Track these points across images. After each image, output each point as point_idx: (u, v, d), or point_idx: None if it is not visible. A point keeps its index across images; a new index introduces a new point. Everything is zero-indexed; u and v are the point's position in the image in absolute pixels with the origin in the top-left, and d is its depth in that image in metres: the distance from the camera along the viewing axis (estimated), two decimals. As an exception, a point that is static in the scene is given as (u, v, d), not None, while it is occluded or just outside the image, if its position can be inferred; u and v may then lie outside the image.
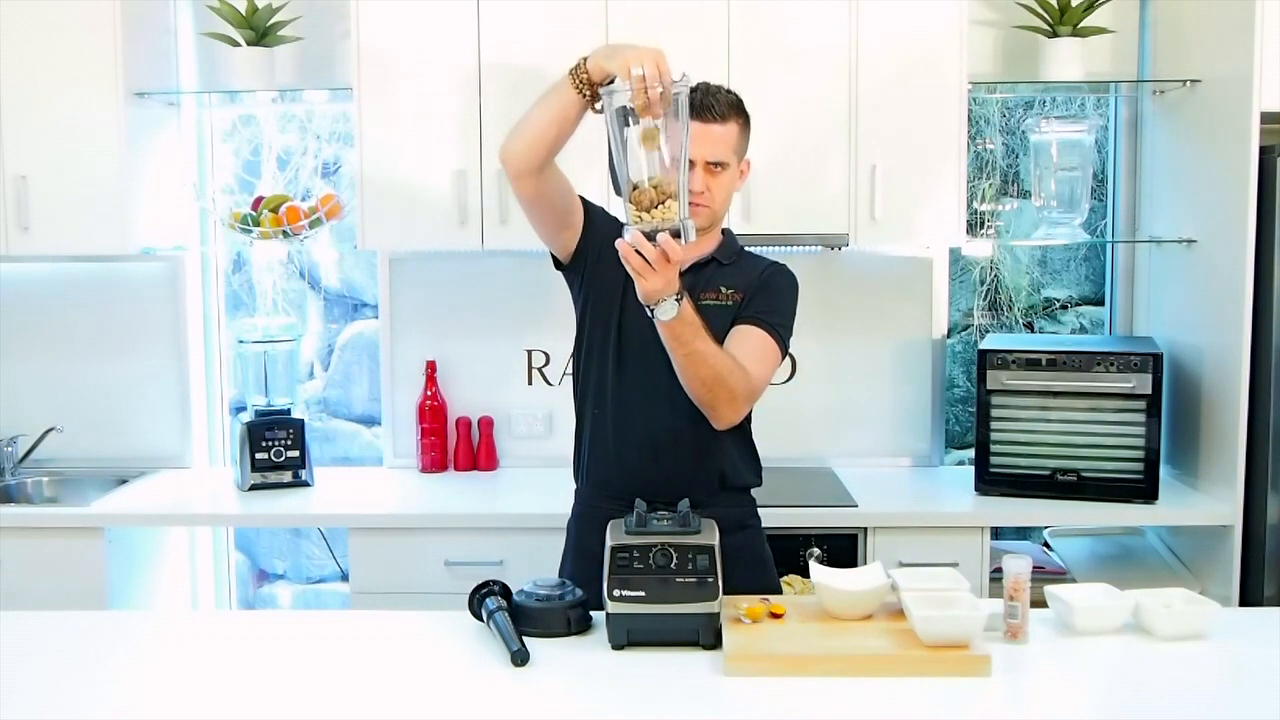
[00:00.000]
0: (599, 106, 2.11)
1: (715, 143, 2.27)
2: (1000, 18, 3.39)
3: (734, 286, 2.36)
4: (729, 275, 2.38)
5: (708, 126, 2.25)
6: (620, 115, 2.02)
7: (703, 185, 2.27)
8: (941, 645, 1.92)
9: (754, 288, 2.37)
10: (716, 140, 2.27)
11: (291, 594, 3.83)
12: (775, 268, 2.42)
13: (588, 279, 2.38)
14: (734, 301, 2.36)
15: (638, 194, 2.02)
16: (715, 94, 2.28)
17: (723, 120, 2.27)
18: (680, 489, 2.22)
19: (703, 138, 2.24)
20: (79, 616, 2.28)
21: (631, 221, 2.02)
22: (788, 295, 2.40)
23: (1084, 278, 3.64)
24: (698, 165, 2.25)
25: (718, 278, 2.37)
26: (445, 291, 3.56)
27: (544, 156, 2.22)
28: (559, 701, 1.85)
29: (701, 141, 2.24)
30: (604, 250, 2.27)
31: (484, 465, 3.53)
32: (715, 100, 2.27)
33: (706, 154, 2.26)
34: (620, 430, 2.34)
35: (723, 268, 2.38)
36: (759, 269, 2.41)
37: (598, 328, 2.38)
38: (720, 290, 2.35)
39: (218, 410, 3.72)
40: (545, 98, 2.20)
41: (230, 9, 3.28)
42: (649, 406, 2.32)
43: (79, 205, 3.21)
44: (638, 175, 2.02)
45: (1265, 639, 2.06)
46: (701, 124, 2.24)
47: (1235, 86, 2.91)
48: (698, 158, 2.25)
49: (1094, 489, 3.06)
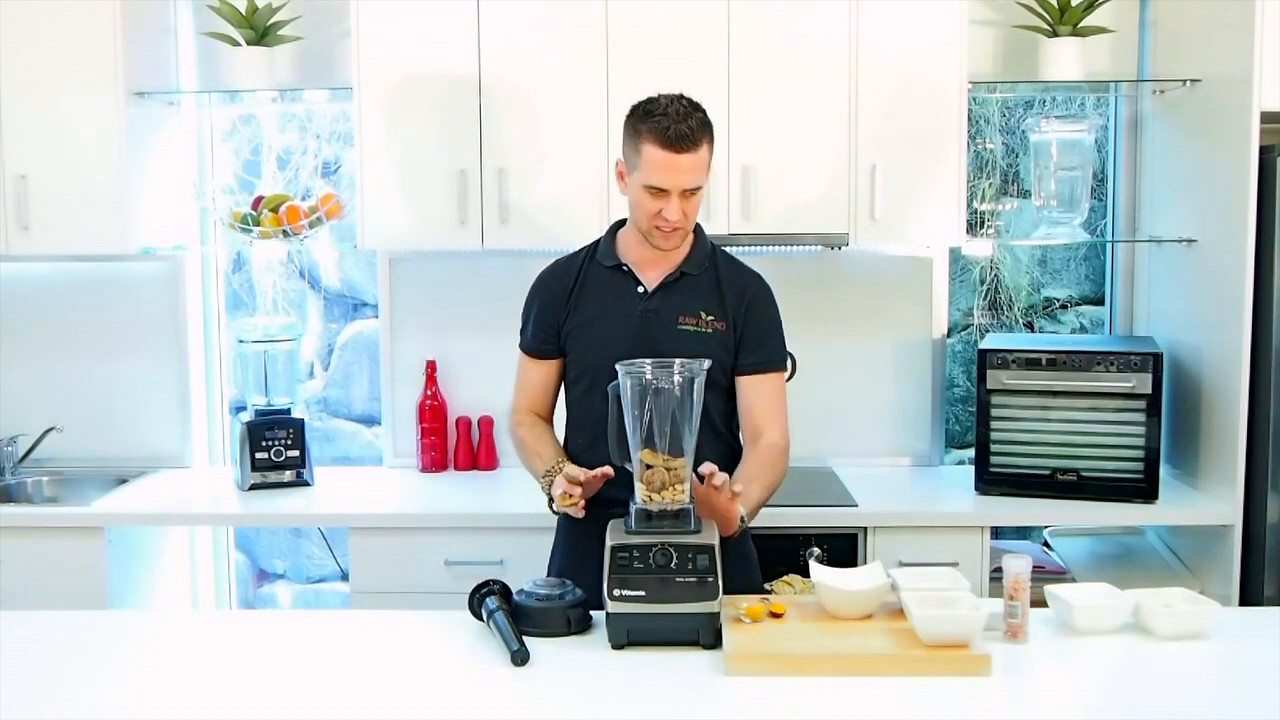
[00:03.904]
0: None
1: (690, 172, 2.24)
2: (1000, 17, 3.39)
3: (714, 313, 2.37)
4: (706, 296, 2.38)
5: (679, 157, 2.22)
6: (637, 394, 2.05)
7: (679, 213, 2.26)
8: (941, 645, 1.92)
9: (740, 318, 2.38)
10: (691, 169, 2.24)
11: (291, 594, 3.83)
12: (755, 290, 2.42)
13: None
14: (715, 330, 2.36)
15: (650, 474, 2.06)
16: (685, 120, 2.22)
17: (695, 147, 2.23)
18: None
19: (676, 170, 2.22)
20: (79, 616, 2.28)
21: (641, 501, 2.06)
22: (776, 315, 2.44)
23: (1084, 277, 3.64)
24: (673, 194, 2.24)
25: (695, 299, 2.37)
26: (445, 291, 3.56)
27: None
28: (559, 701, 1.85)
29: (676, 173, 2.23)
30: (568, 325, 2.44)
31: (484, 465, 3.53)
32: (688, 129, 2.21)
33: (683, 183, 2.25)
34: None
35: (696, 282, 2.38)
36: (739, 291, 2.40)
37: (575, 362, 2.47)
38: (700, 316, 2.36)
39: (218, 410, 3.72)
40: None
41: (230, 9, 3.28)
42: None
43: (79, 205, 3.21)
44: (651, 455, 2.06)
45: (1265, 639, 2.06)
46: (674, 154, 2.21)
47: (1235, 86, 2.91)
48: (673, 188, 2.24)
49: (1094, 489, 3.06)
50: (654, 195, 2.26)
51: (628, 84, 3.12)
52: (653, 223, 2.29)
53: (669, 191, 2.24)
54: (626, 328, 2.36)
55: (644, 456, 2.05)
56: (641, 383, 2.04)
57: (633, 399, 2.05)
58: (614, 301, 2.39)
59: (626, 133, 2.31)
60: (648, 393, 2.04)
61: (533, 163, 3.17)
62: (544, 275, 2.52)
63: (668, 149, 2.21)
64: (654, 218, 2.28)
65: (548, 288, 2.48)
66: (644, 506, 2.05)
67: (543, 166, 3.17)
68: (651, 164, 2.23)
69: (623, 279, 2.41)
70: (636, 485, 2.07)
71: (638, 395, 2.04)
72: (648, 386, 2.04)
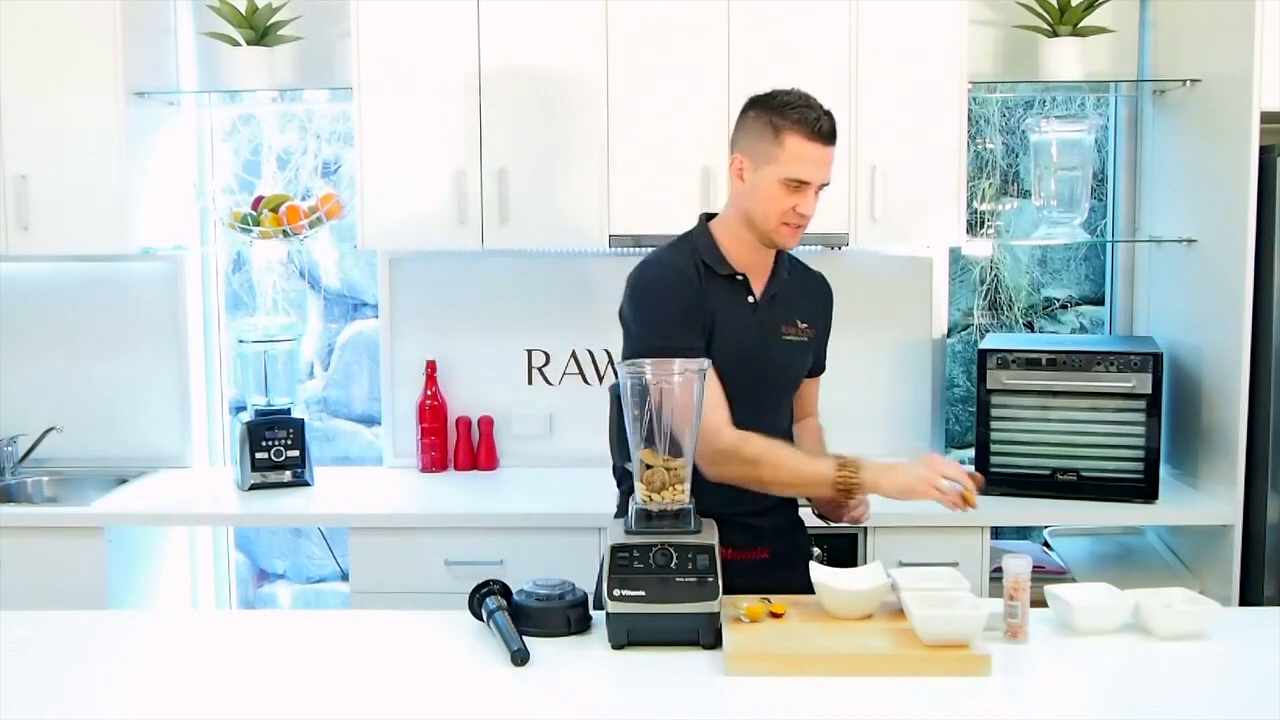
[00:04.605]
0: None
1: (829, 165, 2.22)
2: (1000, 17, 3.39)
3: (807, 320, 2.37)
4: (799, 303, 2.37)
5: (826, 150, 2.19)
6: (638, 394, 2.04)
7: (813, 208, 2.23)
8: (941, 645, 1.92)
9: (820, 321, 2.41)
10: (830, 163, 2.22)
11: (291, 594, 3.83)
12: (829, 295, 2.46)
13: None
14: (809, 338, 2.38)
15: (650, 474, 2.05)
16: (827, 114, 2.20)
17: (834, 141, 2.22)
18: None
19: (822, 163, 2.20)
20: (79, 616, 2.28)
21: (641, 501, 2.06)
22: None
23: (1084, 277, 3.64)
24: (812, 188, 2.21)
25: (791, 308, 2.36)
26: (445, 291, 3.56)
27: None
28: (559, 701, 1.85)
29: (821, 166, 2.20)
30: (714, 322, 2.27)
31: (484, 465, 3.53)
32: (831, 123, 2.20)
33: (825, 176, 2.22)
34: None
35: (788, 289, 2.36)
36: (823, 297, 2.44)
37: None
38: (797, 325, 2.35)
39: (218, 410, 3.72)
40: (798, 482, 2.24)
41: (230, 9, 3.28)
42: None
43: (79, 205, 3.21)
44: (651, 455, 2.05)
45: (1265, 639, 2.06)
46: (822, 146, 2.18)
47: (1235, 86, 2.91)
48: (816, 180, 2.20)
49: (1094, 489, 3.06)
50: (791, 190, 2.19)
51: (628, 84, 3.12)
52: (783, 219, 2.22)
53: (809, 185, 2.19)
54: (743, 340, 2.28)
55: (644, 456, 2.05)
56: (641, 383, 2.04)
57: (633, 399, 2.05)
58: (731, 313, 2.28)
59: (754, 126, 2.22)
60: (648, 393, 2.04)
61: (533, 163, 3.17)
62: (673, 272, 2.27)
63: (815, 141, 2.17)
64: (786, 213, 2.21)
65: (687, 285, 2.25)
66: (644, 506, 2.05)
67: (543, 166, 3.17)
68: (797, 156, 2.17)
69: (735, 287, 2.30)
70: (636, 485, 2.07)
71: (638, 395, 2.04)
72: (648, 386, 2.04)
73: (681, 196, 3.12)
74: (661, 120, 3.13)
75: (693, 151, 3.12)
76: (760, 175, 2.22)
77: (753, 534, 2.30)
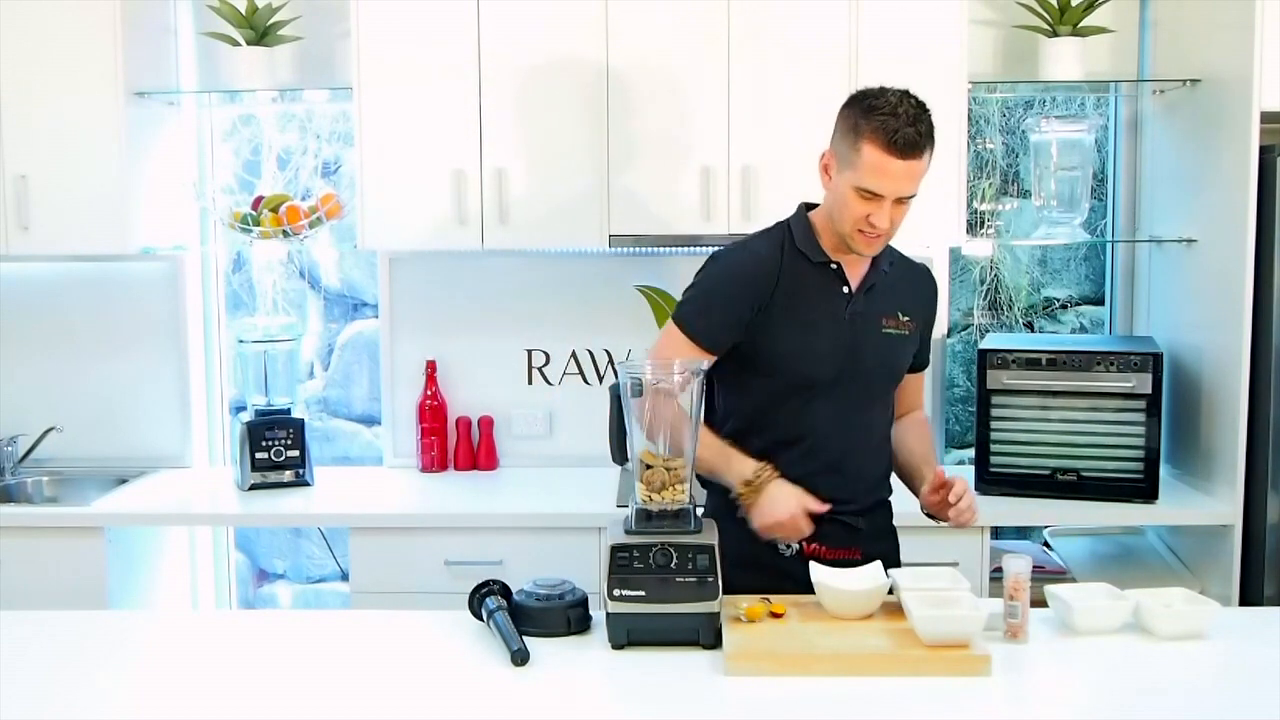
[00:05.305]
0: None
1: (908, 179, 2.09)
2: (1000, 17, 3.39)
3: (909, 312, 2.29)
4: (900, 294, 2.29)
5: (902, 163, 2.06)
6: (635, 392, 2.03)
7: (888, 221, 2.11)
8: (941, 645, 1.92)
9: (923, 315, 2.34)
10: (909, 176, 2.08)
11: (291, 594, 3.83)
12: (933, 287, 2.39)
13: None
14: (910, 331, 2.30)
15: (650, 473, 2.05)
16: (915, 124, 2.06)
17: (919, 154, 2.08)
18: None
19: (896, 176, 2.06)
20: (79, 616, 2.28)
21: (641, 501, 2.05)
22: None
23: (1084, 277, 3.64)
24: (886, 201, 2.09)
25: (892, 299, 2.27)
26: (445, 291, 3.56)
27: None
28: (559, 701, 1.85)
29: (894, 180, 2.07)
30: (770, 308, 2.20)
31: (484, 465, 3.53)
32: (916, 134, 2.06)
33: (900, 190, 2.09)
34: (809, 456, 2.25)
35: (889, 280, 2.28)
36: (926, 289, 2.37)
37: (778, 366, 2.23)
38: (898, 317, 2.28)
39: (218, 410, 3.72)
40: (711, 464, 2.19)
41: (230, 9, 3.28)
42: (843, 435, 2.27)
43: (79, 205, 3.21)
44: (651, 455, 2.05)
45: (1265, 639, 2.07)
46: (897, 159, 2.05)
47: (1235, 86, 2.91)
48: (889, 194, 2.08)
49: (1094, 489, 3.06)
50: (864, 199, 2.10)
51: (627, 83, 3.12)
52: (856, 227, 2.13)
53: (882, 197, 2.09)
54: (835, 332, 2.22)
55: (644, 456, 2.05)
56: (641, 383, 2.04)
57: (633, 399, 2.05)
58: (822, 302, 2.22)
59: (843, 125, 2.14)
60: (648, 393, 2.03)
61: (533, 162, 3.17)
62: (739, 259, 2.24)
63: (890, 153, 2.05)
64: (859, 221, 2.12)
65: (746, 275, 2.21)
66: (644, 506, 2.05)
67: (543, 166, 3.17)
68: (869, 167, 2.07)
69: (829, 277, 2.23)
70: (636, 485, 2.07)
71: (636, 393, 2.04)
72: (648, 387, 2.04)
73: (682, 196, 3.12)
74: (662, 120, 3.13)
75: (693, 151, 3.12)
76: (840, 178, 2.15)
77: (849, 533, 2.28)
